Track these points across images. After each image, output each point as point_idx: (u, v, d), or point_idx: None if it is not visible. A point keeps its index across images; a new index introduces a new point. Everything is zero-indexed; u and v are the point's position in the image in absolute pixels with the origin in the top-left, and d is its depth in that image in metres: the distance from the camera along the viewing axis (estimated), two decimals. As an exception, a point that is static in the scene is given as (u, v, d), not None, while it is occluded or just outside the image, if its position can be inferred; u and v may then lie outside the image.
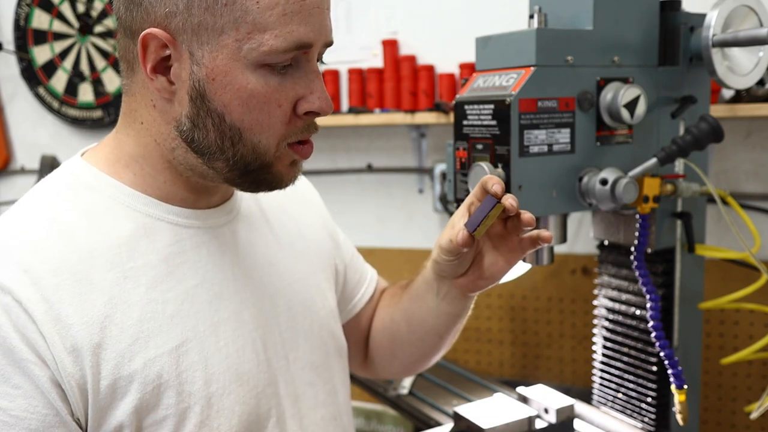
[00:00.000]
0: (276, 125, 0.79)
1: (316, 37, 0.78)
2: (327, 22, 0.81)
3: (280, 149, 0.81)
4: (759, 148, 1.93)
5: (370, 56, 2.33)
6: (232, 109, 0.78)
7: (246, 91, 0.77)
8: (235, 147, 0.80)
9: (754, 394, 1.95)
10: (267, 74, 0.77)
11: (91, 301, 0.76)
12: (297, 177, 0.87)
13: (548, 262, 1.16)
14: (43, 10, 2.77)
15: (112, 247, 0.80)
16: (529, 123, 1.05)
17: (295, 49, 0.77)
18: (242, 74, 0.77)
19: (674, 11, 1.19)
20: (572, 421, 1.38)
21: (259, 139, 0.79)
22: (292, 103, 0.80)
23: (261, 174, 0.82)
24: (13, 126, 2.91)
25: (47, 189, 0.84)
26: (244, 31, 0.75)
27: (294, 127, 0.81)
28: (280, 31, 0.76)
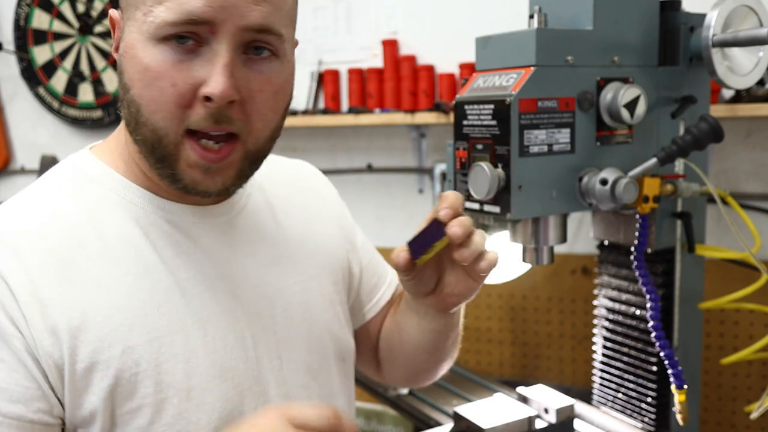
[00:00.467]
0: (169, 104, 0.76)
1: (213, 12, 0.73)
2: (239, 1, 0.74)
3: (177, 136, 0.77)
4: (759, 148, 1.93)
5: (370, 56, 2.33)
6: (134, 83, 0.77)
7: (142, 65, 0.76)
8: (139, 125, 0.78)
9: (754, 394, 1.95)
10: (166, 50, 0.75)
11: (76, 285, 0.77)
12: (221, 185, 0.81)
13: (548, 262, 1.16)
14: (43, 10, 2.77)
15: (105, 237, 0.81)
16: (529, 123, 1.05)
17: (187, 22, 0.73)
18: (143, 48, 0.76)
19: (674, 11, 1.19)
20: (572, 421, 1.38)
21: (155, 118, 0.76)
22: (192, 85, 0.75)
23: (170, 168, 0.79)
24: (13, 126, 2.91)
25: (50, 180, 0.86)
26: (148, 5, 0.75)
27: (194, 112, 0.76)
28: (170, 2, 0.73)
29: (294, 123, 2.25)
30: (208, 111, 0.76)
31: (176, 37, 0.74)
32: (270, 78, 0.79)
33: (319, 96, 2.40)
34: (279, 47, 0.79)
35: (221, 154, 0.78)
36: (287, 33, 0.80)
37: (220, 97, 0.74)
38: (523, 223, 1.14)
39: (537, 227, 1.14)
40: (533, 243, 1.15)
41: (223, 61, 0.74)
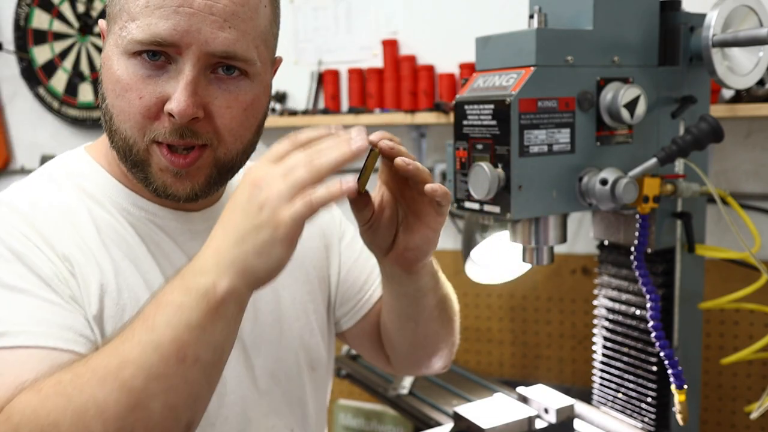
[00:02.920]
0: (136, 116, 0.80)
1: (178, 36, 0.77)
2: (206, 29, 0.77)
3: (145, 144, 0.81)
4: (759, 148, 1.93)
5: (370, 56, 2.33)
6: (108, 93, 0.82)
7: (114, 76, 0.80)
8: (112, 133, 0.83)
9: (754, 394, 1.94)
10: (137, 65, 0.79)
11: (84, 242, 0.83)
12: (190, 189, 0.84)
13: (548, 262, 1.16)
14: (43, 10, 2.77)
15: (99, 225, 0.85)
16: (529, 123, 1.05)
17: (153, 43, 0.77)
18: (117, 61, 0.80)
19: (674, 11, 1.19)
20: (572, 421, 1.38)
21: (124, 127, 0.81)
22: (158, 99, 0.79)
23: (142, 172, 0.83)
24: (13, 126, 2.91)
25: (43, 174, 0.90)
26: (123, 20, 0.80)
27: (160, 125, 0.80)
28: (141, 22, 0.77)
29: (294, 123, 2.25)
30: (173, 126, 0.80)
31: (147, 53, 0.79)
32: (238, 96, 0.82)
33: (319, 96, 2.40)
34: (248, 69, 0.82)
35: (189, 160, 0.82)
36: (259, 55, 0.83)
37: (180, 114, 0.78)
38: (523, 223, 1.14)
39: (537, 227, 1.14)
40: (533, 243, 1.15)
41: (186, 80, 0.78)
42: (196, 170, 0.83)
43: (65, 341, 0.75)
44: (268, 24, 0.85)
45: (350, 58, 2.36)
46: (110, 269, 0.83)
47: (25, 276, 0.77)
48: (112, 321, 0.81)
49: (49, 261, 0.79)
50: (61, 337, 0.75)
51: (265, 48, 0.85)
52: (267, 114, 0.91)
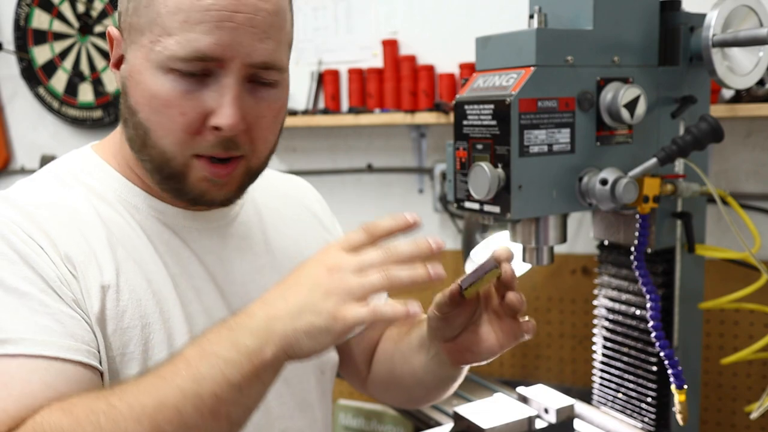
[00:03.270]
0: (178, 132, 0.79)
1: (222, 51, 0.77)
2: (248, 41, 0.78)
3: (186, 158, 0.81)
4: (759, 148, 1.93)
5: (370, 56, 2.33)
6: (141, 107, 0.80)
7: (150, 92, 0.79)
8: (146, 147, 0.82)
9: (754, 394, 1.94)
10: (176, 79, 0.78)
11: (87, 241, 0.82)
12: (225, 197, 0.86)
13: (548, 262, 1.16)
14: (43, 10, 2.77)
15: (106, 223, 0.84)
16: (529, 123, 1.05)
17: (196, 59, 0.76)
18: (151, 75, 0.79)
19: (674, 11, 1.19)
20: (572, 421, 1.38)
21: (163, 142, 0.80)
22: (201, 114, 0.79)
23: (176, 183, 0.83)
24: (13, 126, 2.91)
25: (50, 172, 0.89)
26: (156, 33, 0.78)
27: (203, 139, 0.80)
28: (181, 37, 0.76)
29: (294, 123, 2.25)
30: (217, 139, 0.80)
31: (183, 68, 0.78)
32: (270, 104, 0.84)
33: (319, 96, 2.40)
34: (279, 77, 0.83)
35: (229, 170, 0.83)
36: (287, 62, 0.85)
37: (231, 128, 0.79)
38: (523, 223, 1.14)
39: (537, 227, 1.14)
40: (533, 243, 1.15)
41: (232, 93, 0.78)
42: (231, 179, 0.84)
43: (68, 350, 0.74)
44: (291, 29, 0.86)
45: (350, 58, 2.36)
46: (112, 269, 0.82)
47: (28, 278, 0.76)
48: (113, 321, 0.81)
49: (52, 263, 0.78)
50: (63, 345, 0.74)
51: (290, 52, 0.87)
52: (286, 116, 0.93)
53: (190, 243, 0.90)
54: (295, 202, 1.10)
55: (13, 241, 0.77)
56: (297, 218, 1.07)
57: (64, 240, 0.80)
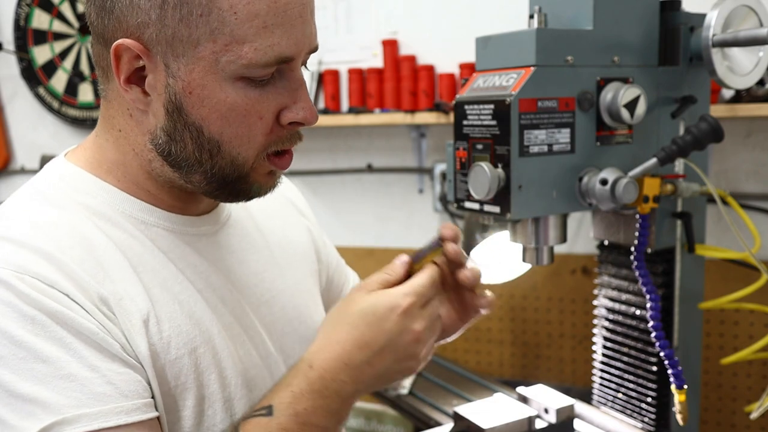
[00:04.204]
0: (257, 137, 0.77)
1: (298, 48, 0.76)
2: (310, 30, 0.77)
3: (258, 160, 0.79)
4: (759, 148, 1.93)
5: (370, 56, 2.33)
6: (211, 122, 0.75)
7: (225, 104, 0.74)
8: (213, 159, 0.77)
9: (754, 394, 1.95)
10: (246, 86, 0.75)
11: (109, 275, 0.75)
12: (276, 185, 0.85)
13: (548, 262, 1.16)
14: (43, 10, 2.77)
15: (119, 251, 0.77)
16: (529, 123, 1.05)
17: (277, 63, 0.75)
18: (220, 88, 0.74)
19: (674, 11, 1.19)
20: (572, 421, 1.38)
21: (238, 151, 0.77)
22: (275, 113, 0.78)
23: (238, 185, 0.80)
24: (13, 126, 2.91)
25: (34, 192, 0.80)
26: (222, 43, 0.72)
27: (276, 137, 0.79)
28: (260, 44, 0.72)
29: (294, 123, 2.25)
30: (291, 133, 0.80)
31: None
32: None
33: (319, 96, 2.40)
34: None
35: (290, 158, 0.83)
36: None
37: (314, 120, 0.79)
38: (523, 223, 1.14)
39: (537, 227, 1.14)
40: (533, 243, 1.15)
41: (303, 86, 0.79)
42: None
43: (127, 414, 0.69)
44: None
45: (350, 58, 2.36)
46: (146, 299, 0.76)
47: (64, 340, 0.68)
48: (162, 355, 0.76)
49: (86, 311, 0.70)
50: (122, 410, 0.69)
51: None
52: None
53: (203, 253, 0.86)
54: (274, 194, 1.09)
55: (34, 297, 0.68)
56: (279, 210, 1.06)
57: (91, 278, 0.72)
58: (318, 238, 1.11)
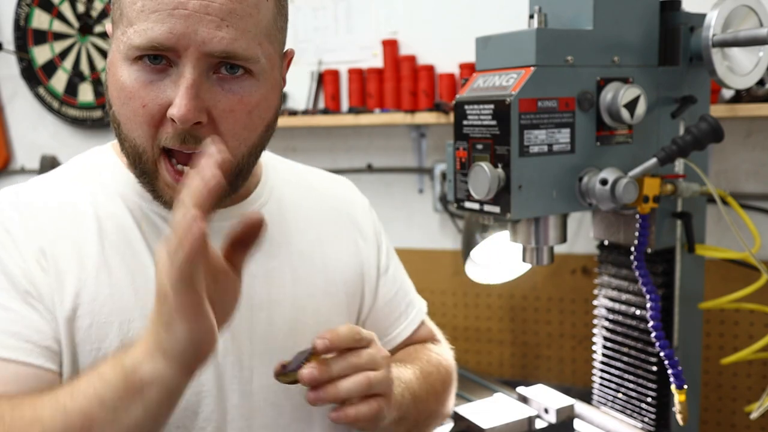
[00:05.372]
0: (142, 124, 0.78)
1: (176, 40, 0.74)
2: (202, 28, 0.74)
3: (154, 153, 0.79)
4: (759, 148, 1.93)
5: (370, 56, 2.33)
6: (114, 100, 0.80)
7: (118, 83, 0.78)
8: (121, 140, 0.82)
9: (754, 394, 1.95)
10: (140, 70, 0.77)
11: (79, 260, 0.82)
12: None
13: (548, 262, 1.16)
14: (43, 10, 2.77)
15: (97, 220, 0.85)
16: (529, 123, 1.05)
17: (150, 48, 0.75)
18: (120, 67, 0.78)
19: (674, 11, 1.19)
20: (572, 421, 1.38)
21: (133, 135, 0.80)
22: (161, 105, 0.77)
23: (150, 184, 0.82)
24: (13, 126, 2.91)
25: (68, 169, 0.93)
26: (123, 25, 0.78)
27: (164, 131, 0.78)
28: (138, 27, 0.75)
29: (294, 123, 2.25)
30: (175, 131, 0.77)
31: (148, 57, 0.77)
32: (242, 97, 0.79)
33: (319, 96, 2.40)
34: (251, 67, 0.79)
35: (189, 166, 0.79)
36: (263, 51, 0.80)
37: (182, 119, 0.75)
38: (523, 223, 1.14)
39: (537, 227, 1.14)
40: (533, 243, 1.15)
41: (186, 84, 0.75)
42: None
43: (21, 352, 0.74)
44: (272, 18, 0.82)
45: (350, 58, 2.36)
46: (93, 263, 0.82)
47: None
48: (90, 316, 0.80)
49: (21, 258, 0.79)
50: (17, 348, 0.74)
51: (269, 43, 0.82)
52: (279, 110, 0.88)
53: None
54: (332, 205, 1.05)
55: None
56: (328, 222, 1.02)
57: (43, 234, 0.82)
58: (370, 270, 1.05)
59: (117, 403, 0.65)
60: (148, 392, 0.66)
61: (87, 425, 0.64)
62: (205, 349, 0.66)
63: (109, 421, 0.65)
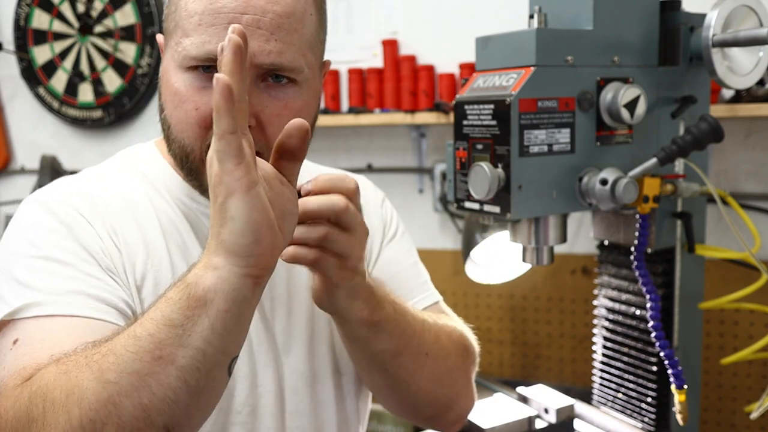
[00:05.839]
0: (193, 126, 0.85)
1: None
2: (252, 41, 0.80)
3: (202, 152, 0.85)
4: (759, 148, 1.93)
5: (370, 56, 2.33)
6: (166, 104, 0.88)
7: (172, 89, 0.86)
8: (170, 141, 0.89)
9: (754, 394, 1.95)
10: (193, 77, 0.84)
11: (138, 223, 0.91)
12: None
13: (548, 262, 1.16)
14: (43, 10, 2.77)
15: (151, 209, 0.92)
16: (529, 123, 1.05)
17: (207, 60, 0.82)
18: (174, 73, 0.86)
19: (674, 11, 1.19)
20: (572, 421, 1.38)
21: (182, 136, 0.86)
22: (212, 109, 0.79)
23: (197, 180, 0.89)
24: (13, 126, 2.91)
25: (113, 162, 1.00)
26: (178, 36, 0.85)
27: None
28: (195, 39, 0.82)
29: (294, 123, 2.25)
30: None
31: (202, 66, 0.83)
32: (287, 103, 0.86)
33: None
34: (296, 77, 0.86)
35: None
36: (307, 62, 0.87)
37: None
38: (523, 223, 1.14)
39: (537, 227, 1.14)
40: (533, 243, 1.15)
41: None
42: None
43: (97, 311, 0.80)
44: (315, 31, 0.89)
45: (350, 58, 2.36)
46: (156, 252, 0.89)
47: (70, 249, 0.84)
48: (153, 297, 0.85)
49: (98, 237, 0.86)
50: (93, 307, 0.80)
51: (312, 54, 0.88)
52: (317, 117, 0.95)
53: None
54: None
55: (62, 218, 0.87)
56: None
57: (114, 216, 0.90)
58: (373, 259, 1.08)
59: (183, 321, 0.64)
60: (211, 302, 0.64)
61: (156, 348, 0.64)
62: (264, 240, 0.65)
63: (178, 341, 0.64)
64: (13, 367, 0.74)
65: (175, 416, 0.65)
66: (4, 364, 0.76)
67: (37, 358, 0.73)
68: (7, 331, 0.80)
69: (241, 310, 0.66)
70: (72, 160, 2.66)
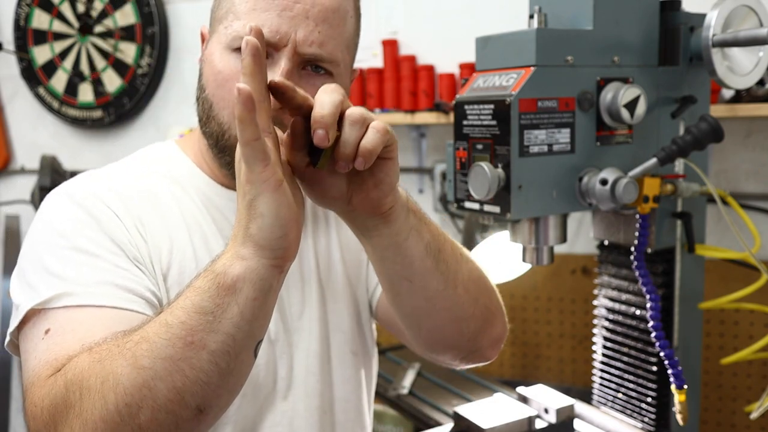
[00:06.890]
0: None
1: (279, 37, 0.87)
2: (300, 30, 0.87)
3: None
4: (759, 148, 1.93)
5: (370, 56, 2.33)
6: (208, 84, 0.92)
7: (217, 69, 0.90)
8: (209, 119, 0.92)
9: (754, 394, 1.95)
10: (238, 58, 0.88)
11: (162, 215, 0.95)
12: None
13: (548, 262, 1.16)
14: (43, 10, 2.77)
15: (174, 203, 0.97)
16: (529, 123, 1.05)
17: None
18: (220, 55, 0.91)
19: (674, 11, 1.19)
20: (572, 421, 1.38)
21: (222, 113, 0.90)
22: None
23: (229, 156, 0.91)
24: (13, 126, 2.91)
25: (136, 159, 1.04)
26: (229, 20, 0.90)
27: None
28: (246, 20, 0.88)
29: (294, 123, 2.25)
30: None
31: None
32: None
33: (319, 96, 2.40)
34: (332, 69, 0.92)
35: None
36: (342, 58, 0.93)
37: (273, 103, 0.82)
38: (523, 223, 1.14)
39: (537, 227, 1.14)
40: (533, 243, 1.15)
41: (282, 71, 0.87)
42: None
43: (125, 301, 0.83)
44: (353, 33, 0.96)
45: (350, 58, 2.36)
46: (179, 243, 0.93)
47: (98, 240, 0.87)
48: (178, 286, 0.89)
49: (125, 228, 0.90)
50: (121, 297, 0.83)
51: (348, 54, 0.95)
52: None
53: None
54: None
55: (90, 210, 0.90)
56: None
57: (140, 211, 0.93)
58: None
59: (214, 309, 0.68)
60: (240, 291, 0.68)
61: (188, 334, 0.67)
62: (291, 234, 0.69)
63: (209, 327, 0.67)
64: (45, 357, 0.77)
65: (206, 397, 0.69)
66: (36, 353, 0.79)
67: (68, 348, 0.76)
68: (37, 321, 0.82)
69: (267, 298, 0.70)
70: (72, 160, 2.66)
